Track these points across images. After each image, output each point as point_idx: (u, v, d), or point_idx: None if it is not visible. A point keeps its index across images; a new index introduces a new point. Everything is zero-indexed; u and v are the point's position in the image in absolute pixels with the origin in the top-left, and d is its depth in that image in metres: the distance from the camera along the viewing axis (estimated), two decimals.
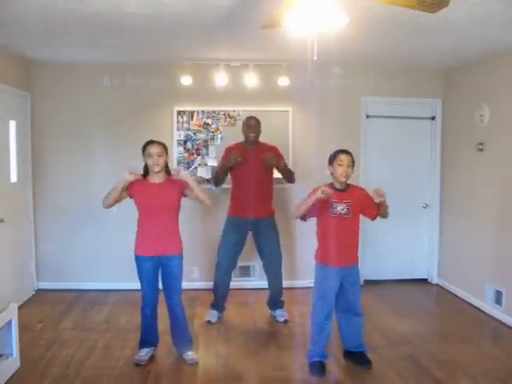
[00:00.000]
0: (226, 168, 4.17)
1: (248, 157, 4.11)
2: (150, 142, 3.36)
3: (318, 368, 3.32)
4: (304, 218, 3.34)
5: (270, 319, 4.38)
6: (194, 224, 5.06)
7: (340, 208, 3.23)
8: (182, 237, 3.50)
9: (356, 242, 3.38)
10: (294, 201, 5.01)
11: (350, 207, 3.25)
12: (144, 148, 3.36)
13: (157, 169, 3.32)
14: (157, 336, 3.59)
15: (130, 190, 3.36)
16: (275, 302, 4.38)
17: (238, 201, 4.25)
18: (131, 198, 3.41)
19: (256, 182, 4.14)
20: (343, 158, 3.25)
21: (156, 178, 3.38)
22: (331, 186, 3.31)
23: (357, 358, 3.45)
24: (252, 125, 4.19)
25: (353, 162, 3.29)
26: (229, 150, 4.25)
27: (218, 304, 4.33)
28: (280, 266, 4.32)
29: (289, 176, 4.32)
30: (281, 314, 4.32)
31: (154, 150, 3.31)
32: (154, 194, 3.33)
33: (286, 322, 4.25)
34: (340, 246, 3.26)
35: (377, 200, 3.22)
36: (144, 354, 3.46)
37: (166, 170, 3.44)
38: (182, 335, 3.53)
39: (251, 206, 4.13)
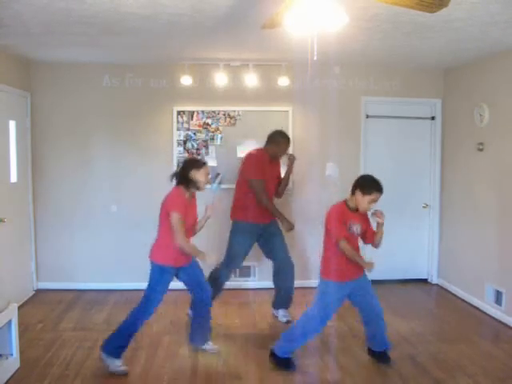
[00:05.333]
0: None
1: (271, 168, 4.29)
2: (206, 163, 3.38)
3: (290, 363, 3.39)
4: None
5: (271, 319, 4.38)
6: None
7: (355, 228, 3.28)
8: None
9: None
10: (294, 202, 5.04)
11: (362, 228, 3.32)
12: (200, 165, 3.33)
13: (203, 189, 3.37)
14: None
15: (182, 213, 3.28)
16: (288, 300, 4.36)
17: (257, 208, 4.18)
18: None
19: (270, 191, 4.28)
20: (377, 197, 3.24)
21: (188, 194, 3.36)
22: (345, 203, 3.32)
23: (379, 356, 3.50)
24: (286, 148, 4.29)
25: None
26: (263, 163, 4.23)
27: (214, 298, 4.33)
28: (291, 259, 4.35)
29: (285, 189, 4.53)
30: (283, 314, 4.32)
31: (207, 171, 3.34)
32: (191, 211, 3.36)
33: (288, 322, 4.24)
34: (347, 262, 3.27)
35: (377, 221, 3.29)
36: (122, 363, 3.31)
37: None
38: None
39: (265, 212, 4.20)
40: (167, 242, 3.27)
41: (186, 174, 3.29)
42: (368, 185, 3.26)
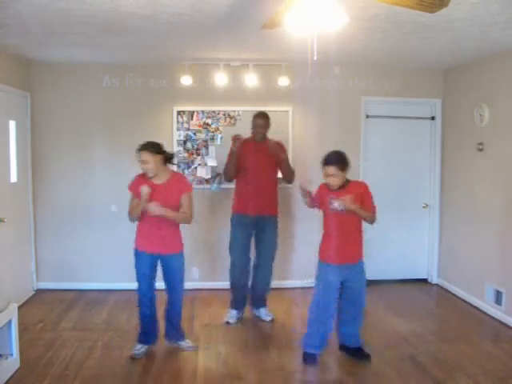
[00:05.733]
0: (234, 155, 4.09)
1: (255, 153, 4.13)
2: (141, 149, 3.35)
3: (307, 357, 3.43)
4: (312, 204, 3.51)
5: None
6: (193, 224, 5.04)
7: (337, 204, 3.21)
8: (181, 237, 3.56)
9: (357, 238, 3.39)
10: (295, 202, 5.03)
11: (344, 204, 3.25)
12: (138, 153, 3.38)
13: (150, 175, 3.37)
14: (154, 335, 3.62)
15: (135, 190, 3.42)
16: (260, 299, 4.34)
17: (243, 197, 4.19)
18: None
19: (262, 178, 4.15)
20: (327, 170, 3.28)
21: (157, 179, 3.40)
22: (327, 184, 3.37)
23: (355, 352, 3.50)
24: (259, 124, 4.17)
25: (341, 167, 3.26)
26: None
27: (237, 303, 4.30)
28: (270, 262, 4.29)
29: (289, 174, 4.28)
30: (266, 313, 4.33)
31: (142, 157, 3.33)
32: (154, 196, 3.33)
33: (272, 320, 4.26)
34: (340, 243, 3.30)
35: (339, 209, 3.21)
36: (138, 348, 3.53)
37: (169, 161, 3.49)
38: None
39: (255, 202, 4.11)
40: (138, 228, 3.51)
41: None
42: (321, 161, 3.34)
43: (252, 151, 4.13)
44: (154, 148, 3.35)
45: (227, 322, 4.23)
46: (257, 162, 4.12)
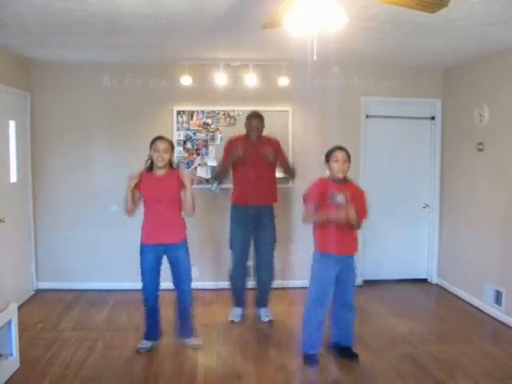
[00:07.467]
0: (228, 165, 4.18)
1: (250, 150, 4.13)
2: (159, 138, 3.51)
3: (307, 358, 3.45)
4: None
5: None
6: (193, 224, 5.04)
7: (340, 198, 3.33)
8: (185, 226, 3.63)
9: (354, 232, 3.42)
10: (294, 201, 5.02)
11: (348, 198, 3.34)
12: (152, 142, 3.50)
13: (161, 163, 3.46)
14: (158, 331, 3.68)
15: (137, 185, 3.49)
16: (262, 299, 4.33)
17: (239, 191, 4.23)
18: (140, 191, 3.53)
19: (257, 174, 4.13)
20: (339, 154, 3.35)
21: (159, 171, 3.51)
22: (328, 177, 3.43)
23: (344, 351, 3.53)
24: (255, 126, 4.17)
25: (348, 158, 3.38)
26: (230, 143, 4.25)
27: (240, 300, 4.32)
28: (271, 259, 4.27)
29: (288, 171, 4.34)
30: (266, 314, 4.31)
31: (161, 145, 3.45)
32: (155, 186, 3.47)
33: (270, 322, 4.24)
34: (339, 235, 3.33)
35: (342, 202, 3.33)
36: (145, 343, 3.61)
37: (171, 166, 3.59)
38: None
39: (252, 196, 4.12)
40: (143, 222, 3.56)
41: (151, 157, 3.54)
42: (328, 151, 3.43)
43: (246, 146, 4.13)
44: (172, 145, 3.59)
45: (232, 321, 4.25)
46: (252, 159, 4.11)
